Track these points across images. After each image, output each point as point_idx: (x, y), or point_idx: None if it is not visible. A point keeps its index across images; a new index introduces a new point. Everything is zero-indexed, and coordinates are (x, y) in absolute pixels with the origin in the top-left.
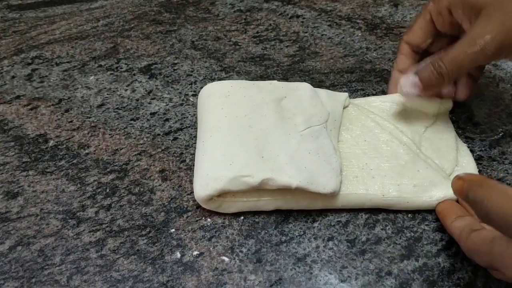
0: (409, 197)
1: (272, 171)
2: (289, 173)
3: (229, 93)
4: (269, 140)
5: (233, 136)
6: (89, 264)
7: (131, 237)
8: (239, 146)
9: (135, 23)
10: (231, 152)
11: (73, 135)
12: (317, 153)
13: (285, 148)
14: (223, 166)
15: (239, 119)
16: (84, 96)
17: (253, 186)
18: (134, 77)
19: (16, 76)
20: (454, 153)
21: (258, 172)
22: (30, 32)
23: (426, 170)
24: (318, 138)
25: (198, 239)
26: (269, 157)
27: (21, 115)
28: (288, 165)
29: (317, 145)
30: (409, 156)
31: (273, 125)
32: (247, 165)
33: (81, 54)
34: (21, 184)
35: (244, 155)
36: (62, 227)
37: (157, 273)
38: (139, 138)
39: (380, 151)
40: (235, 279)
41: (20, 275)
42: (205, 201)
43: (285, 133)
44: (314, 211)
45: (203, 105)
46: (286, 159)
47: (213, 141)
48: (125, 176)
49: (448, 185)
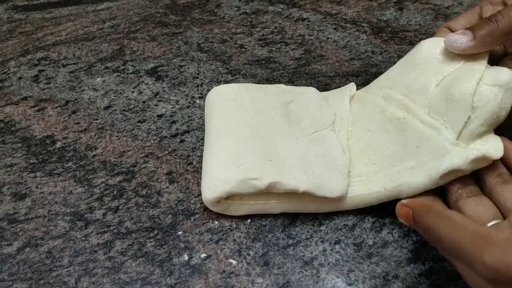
0: (409, 181)
1: (280, 175)
2: (297, 177)
3: (236, 96)
4: (277, 143)
5: (241, 139)
6: (97, 266)
7: (139, 239)
8: (247, 149)
9: (141, 25)
10: (239, 154)
11: (80, 136)
12: (324, 157)
13: (293, 151)
14: (231, 169)
15: (246, 122)
16: (91, 97)
17: (261, 189)
18: (141, 79)
19: (22, 77)
20: (468, 100)
21: (266, 175)
22: (37, 33)
23: (427, 142)
24: (326, 142)
25: (205, 242)
26: (277, 160)
27: (28, 117)
28: (296, 169)
29: (325, 149)
30: (411, 129)
31: (280, 128)
32: (255, 168)
33: (87, 56)
34: (28, 185)
35: (252, 158)
36: (70, 228)
37: (165, 276)
38: (146, 140)
39: (383, 136)
40: (243, 282)
41: (28, 276)
42: (213, 204)
43: (293, 137)
44: (321, 214)
45: (211, 108)
46: (294, 162)
47: (221, 143)
48: (132, 178)
49: (453, 154)
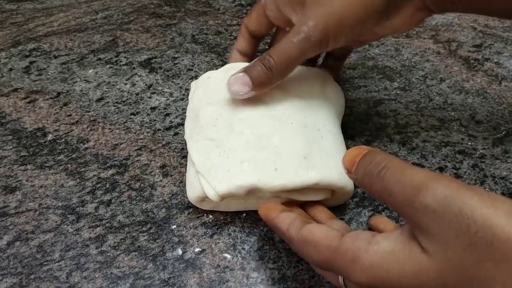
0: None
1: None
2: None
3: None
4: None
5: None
6: (89, 260)
7: (132, 233)
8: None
9: (134, 16)
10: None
11: (72, 129)
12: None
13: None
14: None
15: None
16: (83, 89)
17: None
18: (134, 71)
19: (13, 69)
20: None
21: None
22: (28, 24)
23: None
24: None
25: (199, 236)
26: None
27: (18, 108)
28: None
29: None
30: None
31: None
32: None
33: (79, 47)
34: (19, 178)
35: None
36: (62, 222)
37: (158, 270)
38: (139, 133)
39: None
40: (238, 277)
41: (19, 271)
42: (198, 203)
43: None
44: None
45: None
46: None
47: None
48: (125, 171)
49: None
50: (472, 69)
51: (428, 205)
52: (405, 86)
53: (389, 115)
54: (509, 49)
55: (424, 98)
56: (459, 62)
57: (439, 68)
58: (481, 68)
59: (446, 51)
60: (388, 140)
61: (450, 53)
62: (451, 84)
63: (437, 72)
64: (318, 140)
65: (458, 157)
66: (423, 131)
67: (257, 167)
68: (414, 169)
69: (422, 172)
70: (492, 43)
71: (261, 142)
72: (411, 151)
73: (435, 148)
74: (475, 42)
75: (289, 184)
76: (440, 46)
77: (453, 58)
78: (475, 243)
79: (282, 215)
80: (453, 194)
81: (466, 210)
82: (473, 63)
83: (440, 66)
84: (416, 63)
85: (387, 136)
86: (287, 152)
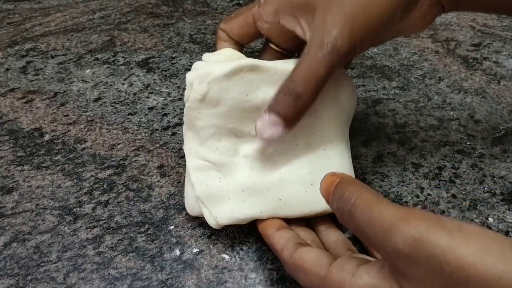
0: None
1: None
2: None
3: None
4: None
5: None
6: (86, 261)
7: (129, 234)
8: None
9: (132, 16)
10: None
11: (69, 129)
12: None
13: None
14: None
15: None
16: (80, 89)
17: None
18: (131, 70)
19: (10, 69)
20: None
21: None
22: (25, 24)
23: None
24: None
25: (197, 237)
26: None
27: (15, 109)
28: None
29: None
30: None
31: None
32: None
33: (77, 47)
34: (16, 179)
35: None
36: (59, 223)
37: (156, 271)
38: (136, 133)
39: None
40: (236, 277)
41: (16, 272)
42: (197, 215)
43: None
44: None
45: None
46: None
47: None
48: (122, 171)
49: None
50: (471, 68)
51: (399, 249)
52: (403, 86)
53: (387, 115)
54: (508, 48)
55: (423, 97)
56: (457, 61)
57: (437, 67)
58: (479, 67)
59: (444, 50)
60: (386, 140)
61: (448, 52)
62: (450, 83)
63: (436, 71)
64: (325, 162)
65: (457, 156)
66: (422, 130)
67: (259, 198)
68: (382, 206)
69: (390, 211)
70: (490, 42)
71: (265, 167)
72: (410, 150)
73: (434, 148)
74: (474, 41)
75: (294, 214)
76: (439, 45)
77: (452, 57)
78: (451, 284)
79: (277, 234)
80: (422, 236)
81: (438, 253)
82: (472, 62)
83: (439, 65)
84: (415, 62)
85: (386, 136)
86: (292, 180)
